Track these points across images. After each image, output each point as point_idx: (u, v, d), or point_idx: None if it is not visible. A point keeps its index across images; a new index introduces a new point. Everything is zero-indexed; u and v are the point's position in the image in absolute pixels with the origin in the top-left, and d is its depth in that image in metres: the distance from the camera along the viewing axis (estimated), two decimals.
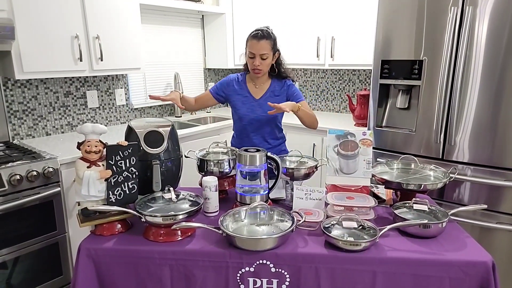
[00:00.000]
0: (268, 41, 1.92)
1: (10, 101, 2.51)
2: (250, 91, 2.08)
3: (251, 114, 2.05)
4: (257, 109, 2.05)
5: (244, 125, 2.09)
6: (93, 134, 1.40)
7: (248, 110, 2.06)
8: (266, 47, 1.92)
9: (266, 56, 1.93)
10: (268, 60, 1.96)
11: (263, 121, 2.06)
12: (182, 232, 1.37)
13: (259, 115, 2.05)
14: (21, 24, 2.18)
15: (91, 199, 1.37)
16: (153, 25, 3.32)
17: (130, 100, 3.24)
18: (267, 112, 1.92)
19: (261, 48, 1.91)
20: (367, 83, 3.49)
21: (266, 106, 2.02)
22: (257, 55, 1.92)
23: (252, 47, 1.92)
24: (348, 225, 1.34)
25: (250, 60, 1.97)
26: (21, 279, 2.06)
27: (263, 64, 1.95)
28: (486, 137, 2.17)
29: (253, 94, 2.08)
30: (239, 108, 2.07)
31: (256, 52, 1.91)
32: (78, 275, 1.31)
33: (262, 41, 1.91)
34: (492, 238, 2.24)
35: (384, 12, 2.44)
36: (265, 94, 2.07)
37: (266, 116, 2.04)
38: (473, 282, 1.23)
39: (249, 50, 1.94)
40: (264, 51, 1.91)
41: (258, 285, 1.28)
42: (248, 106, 2.06)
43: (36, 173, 2.02)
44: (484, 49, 2.10)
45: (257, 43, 1.91)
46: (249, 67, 2.00)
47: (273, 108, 1.78)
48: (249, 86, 2.09)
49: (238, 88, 2.09)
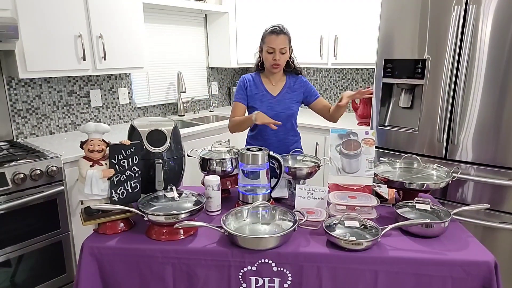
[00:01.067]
0: (286, 36, 1.97)
1: (14, 100, 2.52)
2: (267, 89, 2.10)
3: (270, 112, 2.05)
4: (276, 106, 2.07)
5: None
6: (96, 133, 1.40)
7: (268, 108, 2.06)
8: (285, 41, 1.96)
9: (285, 50, 1.97)
10: (286, 55, 2.01)
11: (283, 117, 2.07)
12: (185, 231, 1.38)
13: (279, 112, 2.07)
14: (24, 23, 2.19)
15: (94, 197, 1.37)
16: (156, 24, 3.33)
17: (133, 99, 3.25)
18: (288, 105, 2.03)
19: (280, 43, 1.95)
20: (370, 82, 3.48)
21: (284, 103, 2.07)
22: (276, 50, 1.95)
23: (271, 42, 1.95)
24: (350, 225, 1.34)
25: (268, 56, 1.99)
26: (25, 277, 2.08)
27: (282, 58, 1.98)
28: (490, 137, 2.16)
29: (270, 91, 2.09)
30: (258, 107, 2.06)
31: (276, 47, 1.94)
32: (81, 273, 1.32)
33: (280, 36, 1.95)
34: (495, 237, 2.23)
35: (387, 11, 2.43)
36: (282, 90, 2.10)
37: (285, 112, 2.07)
38: (475, 282, 1.23)
39: (268, 46, 1.97)
40: (283, 45, 1.96)
41: (260, 284, 1.29)
42: (267, 104, 2.07)
43: (40, 172, 2.03)
44: (488, 47, 2.09)
45: (276, 38, 1.94)
46: (268, 63, 2.02)
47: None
48: (265, 84, 2.10)
49: (255, 88, 2.10)
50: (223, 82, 4.08)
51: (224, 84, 4.09)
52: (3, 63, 2.40)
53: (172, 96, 3.57)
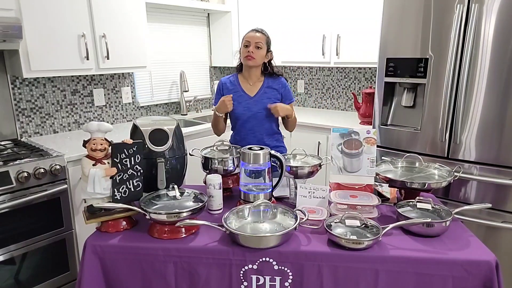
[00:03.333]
0: (263, 36, 2.03)
1: (18, 99, 2.54)
2: (244, 89, 2.10)
3: (247, 112, 2.06)
4: (253, 107, 2.06)
5: (241, 123, 2.09)
6: (98, 132, 1.42)
7: (244, 109, 2.06)
8: (262, 38, 2.02)
9: (261, 45, 2.00)
10: (262, 52, 2.02)
11: (260, 118, 2.07)
12: (186, 230, 1.38)
13: (256, 112, 2.06)
14: (28, 23, 2.20)
15: (97, 196, 1.38)
16: (159, 24, 3.33)
17: (136, 98, 3.26)
18: (266, 106, 2.03)
19: (256, 38, 2.00)
20: (373, 81, 3.48)
21: (262, 103, 2.06)
22: (252, 42, 1.99)
23: (248, 37, 2.02)
24: (351, 224, 1.34)
25: (244, 49, 2.02)
26: (28, 274, 2.09)
27: (256, 52, 2.00)
28: (492, 136, 2.16)
29: (248, 92, 2.09)
30: (235, 107, 2.05)
31: (251, 40, 2.00)
32: (84, 271, 1.33)
33: (258, 33, 2.03)
34: (498, 237, 2.23)
35: (390, 10, 2.43)
36: (259, 90, 2.09)
37: (263, 113, 2.06)
38: (476, 281, 1.23)
39: (245, 40, 2.02)
40: (259, 40, 2.00)
41: (261, 282, 1.29)
42: (244, 104, 2.07)
43: (44, 171, 2.05)
44: (491, 46, 2.09)
45: (254, 34, 2.02)
46: (243, 56, 2.04)
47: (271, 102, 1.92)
48: (242, 85, 2.10)
49: (232, 88, 2.10)
50: None
51: None
52: (7, 63, 2.42)
53: (174, 95, 3.58)
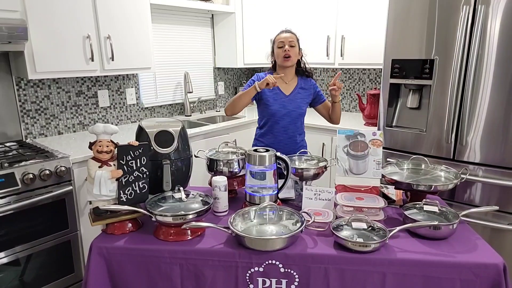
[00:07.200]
0: (293, 35, 2.17)
1: (23, 100, 2.55)
2: (280, 87, 2.19)
3: (283, 110, 2.17)
4: (288, 105, 2.17)
5: (276, 121, 2.18)
6: (104, 134, 1.42)
7: (280, 106, 2.17)
8: (293, 37, 2.15)
9: (294, 44, 2.13)
10: (296, 49, 2.14)
11: (294, 116, 2.19)
12: (192, 232, 1.38)
13: (291, 110, 2.17)
14: (33, 24, 2.21)
15: (103, 198, 1.38)
16: (163, 25, 3.34)
17: (141, 99, 3.27)
18: (300, 105, 2.18)
19: (289, 37, 2.13)
20: (378, 82, 3.47)
21: (296, 102, 2.19)
22: (286, 42, 2.11)
23: (281, 38, 2.14)
24: (358, 226, 1.34)
25: (279, 50, 2.13)
26: (33, 276, 2.10)
27: (292, 51, 2.11)
28: (498, 137, 2.14)
29: (283, 90, 2.20)
30: (271, 104, 2.16)
31: (285, 40, 2.12)
32: (90, 273, 1.33)
33: (288, 33, 2.16)
34: (504, 239, 2.21)
35: (395, 11, 2.42)
36: (294, 90, 2.22)
37: (296, 111, 2.19)
38: (484, 284, 1.22)
39: (278, 41, 2.14)
40: (292, 39, 2.13)
41: (267, 285, 1.29)
42: (280, 102, 2.17)
43: (49, 172, 2.05)
44: (497, 48, 2.08)
45: (285, 34, 2.15)
46: (279, 58, 2.14)
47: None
48: (278, 83, 2.17)
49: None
50: (230, 82, 4.09)
51: (230, 84, 4.10)
52: (13, 64, 2.43)
53: (179, 96, 3.59)
